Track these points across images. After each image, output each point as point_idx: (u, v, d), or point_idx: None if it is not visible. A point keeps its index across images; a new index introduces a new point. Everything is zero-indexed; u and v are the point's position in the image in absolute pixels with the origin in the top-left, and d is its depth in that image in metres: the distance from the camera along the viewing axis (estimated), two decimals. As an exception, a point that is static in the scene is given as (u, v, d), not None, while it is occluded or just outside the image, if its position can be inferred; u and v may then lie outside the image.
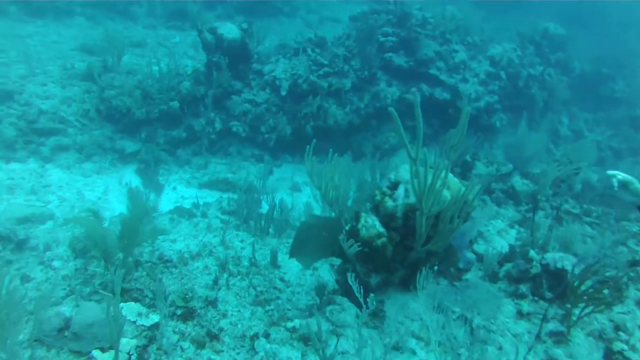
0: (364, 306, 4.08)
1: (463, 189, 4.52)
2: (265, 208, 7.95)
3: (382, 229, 4.51)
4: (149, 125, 9.57)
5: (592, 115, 14.82)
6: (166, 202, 8.65)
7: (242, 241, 6.90)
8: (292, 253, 5.82)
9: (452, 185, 4.64)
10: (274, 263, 6.33)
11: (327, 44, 10.21)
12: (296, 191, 9.49)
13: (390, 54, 10.74)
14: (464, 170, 8.66)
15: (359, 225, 4.57)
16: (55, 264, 6.27)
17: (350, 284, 4.28)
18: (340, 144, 10.35)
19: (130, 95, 9.31)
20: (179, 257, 6.16)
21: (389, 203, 4.52)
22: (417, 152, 4.09)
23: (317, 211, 8.27)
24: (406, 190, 4.54)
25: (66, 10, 14.56)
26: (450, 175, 4.54)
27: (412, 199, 4.43)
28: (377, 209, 4.65)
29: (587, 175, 9.77)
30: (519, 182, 8.37)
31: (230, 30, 9.60)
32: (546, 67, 12.81)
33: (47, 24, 13.96)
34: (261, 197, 8.39)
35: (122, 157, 9.43)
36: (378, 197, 4.66)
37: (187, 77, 10.06)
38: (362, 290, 4.33)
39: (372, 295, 3.98)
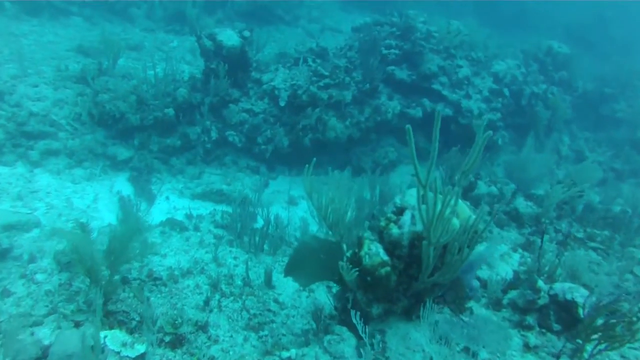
0: (366, 341, 3.80)
1: (473, 216, 4.25)
2: (260, 222, 7.67)
3: (386, 257, 4.24)
4: (142, 131, 9.28)
5: (592, 134, 14.63)
6: (158, 212, 8.36)
7: (235, 258, 6.62)
8: (288, 271, 5.53)
9: (462, 213, 4.37)
10: (269, 283, 6.05)
11: (329, 55, 9.95)
12: (292, 205, 9.21)
13: (392, 67, 10.50)
14: (465, 190, 8.40)
15: (362, 253, 4.29)
16: (39, 277, 5.98)
17: (352, 316, 4.02)
18: (339, 157, 10.12)
19: (125, 100, 9.02)
20: (169, 275, 5.87)
21: (394, 230, 4.25)
22: (428, 176, 3.80)
23: (314, 227, 8.00)
24: (413, 216, 4.27)
25: (63, 10, 14.26)
26: (460, 201, 4.27)
27: (419, 227, 4.16)
28: (381, 236, 4.37)
29: (589, 196, 9.56)
30: (522, 204, 8.12)
31: (229, 37, 9.34)
32: (549, 85, 12.60)
33: (43, 23, 13.65)
34: (256, 211, 8.10)
35: (113, 164, 9.14)
36: (382, 223, 4.39)
37: (183, 84, 9.78)
38: (362, 321, 4.07)
39: (375, 333, 3.69)
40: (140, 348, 4.31)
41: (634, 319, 4.68)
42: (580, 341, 4.82)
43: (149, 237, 7.08)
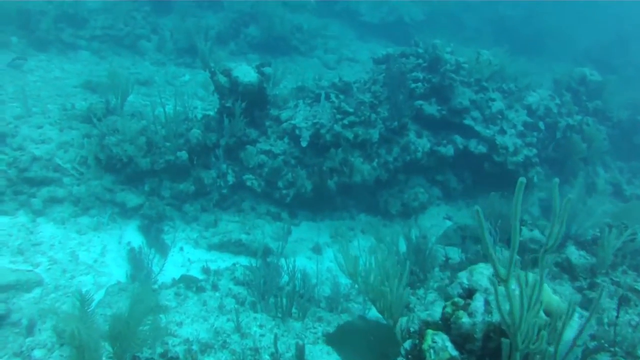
0: None
1: (562, 304, 3.46)
2: (284, 277, 6.90)
3: (455, 352, 3.45)
4: (153, 176, 8.58)
5: (626, 164, 13.80)
6: (171, 265, 7.64)
7: (260, 326, 5.85)
8: (331, 342, 4.76)
9: (548, 299, 3.58)
10: (301, 358, 5.25)
11: (353, 89, 9.24)
12: (317, 254, 8.45)
13: (420, 102, 9.77)
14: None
15: (425, 346, 3.51)
16: (36, 354, 5.25)
17: None
18: (365, 200, 9.38)
19: (133, 143, 8.32)
20: (187, 351, 5.10)
21: (465, 320, 3.46)
22: (510, 268, 3.03)
23: (342, 279, 7.19)
24: (486, 302, 3.49)
25: (71, 44, 13.74)
26: (545, 285, 3.49)
27: (496, 317, 3.38)
28: (446, 324, 3.59)
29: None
30: (574, 254, 7.29)
31: (246, 72, 8.67)
32: (584, 115, 11.83)
33: (51, 58, 13.12)
34: (279, 264, 7.33)
35: (122, 212, 8.45)
36: (449, 309, 3.61)
37: (196, 123, 9.10)
38: None
39: None
40: None
41: None
42: None
43: (162, 299, 6.35)
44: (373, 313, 6.39)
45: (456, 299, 3.64)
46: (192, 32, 14.45)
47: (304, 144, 8.60)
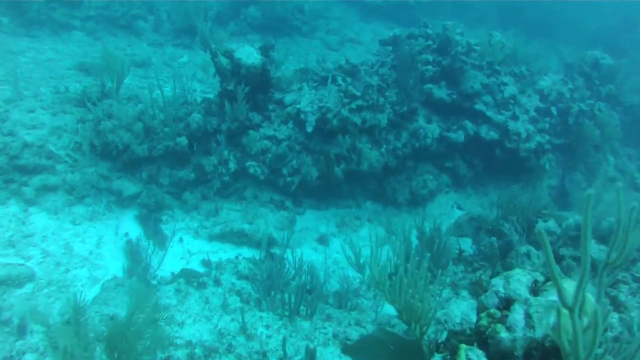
0: None
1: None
2: (290, 271, 6.53)
3: (491, 370, 3.08)
4: (151, 163, 8.17)
5: (635, 151, 13.42)
6: (170, 257, 7.25)
7: (267, 326, 5.48)
8: (348, 352, 4.40)
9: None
10: (310, 361, 4.89)
11: (360, 72, 8.80)
12: (323, 244, 8.07)
13: (430, 85, 9.34)
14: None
15: (457, 363, 3.13)
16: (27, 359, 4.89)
17: None
18: (372, 187, 9.00)
19: (129, 129, 7.90)
20: (189, 356, 4.73)
21: (503, 334, 3.07)
22: (579, 294, 2.63)
23: (350, 272, 6.83)
24: (527, 315, 3.10)
25: (65, 24, 13.24)
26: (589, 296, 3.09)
27: (539, 332, 3.00)
28: (481, 337, 3.21)
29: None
30: (594, 248, 6.92)
31: (249, 54, 8.21)
32: (596, 100, 11.42)
33: (43, 39, 12.63)
34: (284, 255, 6.97)
35: (119, 200, 8.05)
36: (484, 322, 3.22)
37: (196, 107, 8.66)
38: None
39: None
40: None
41: None
42: None
43: (161, 296, 5.98)
44: (385, 310, 6.05)
45: (492, 310, 3.25)
46: (190, 12, 13.95)
47: (309, 129, 8.19)
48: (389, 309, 6.12)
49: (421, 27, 10.31)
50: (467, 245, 8.02)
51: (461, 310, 6.03)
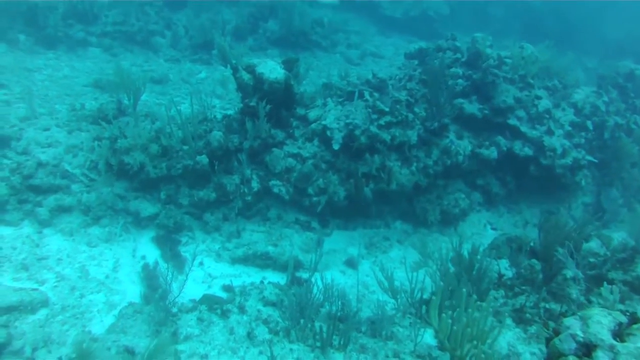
0: None
1: None
2: (318, 296, 6.09)
3: None
4: (170, 182, 7.80)
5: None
6: (191, 281, 6.86)
7: (298, 360, 5.03)
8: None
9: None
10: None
11: (388, 87, 8.40)
12: (351, 267, 7.64)
13: (461, 100, 8.92)
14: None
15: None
16: (38, 397, 4.50)
17: None
18: (401, 206, 8.57)
19: (145, 150, 7.53)
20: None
21: (592, 387, 2.62)
22: None
23: (380, 296, 6.43)
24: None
25: (81, 41, 13.06)
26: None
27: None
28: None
29: None
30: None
31: (272, 69, 7.85)
32: (632, 114, 10.92)
33: (59, 55, 12.42)
34: (311, 280, 6.54)
35: (136, 221, 7.69)
36: (565, 371, 2.78)
37: (217, 124, 8.30)
38: None
39: None
40: None
41: None
42: None
43: (182, 325, 5.58)
44: (426, 339, 5.61)
45: (570, 358, 2.80)
46: (208, 27, 13.72)
47: (336, 146, 7.78)
48: (428, 338, 5.69)
49: (449, 40, 9.92)
50: (502, 267, 7.56)
51: (507, 340, 5.57)
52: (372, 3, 19.01)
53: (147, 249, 7.40)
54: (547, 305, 6.12)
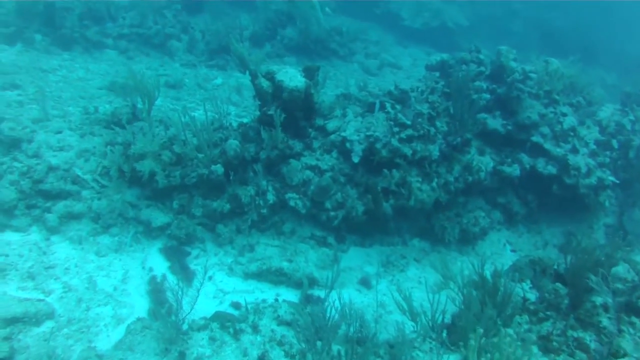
0: None
1: None
2: (334, 316, 5.83)
3: None
4: (183, 192, 7.57)
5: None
6: (202, 296, 6.58)
7: (313, 388, 4.77)
8: None
9: None
10: None
11: (411, 99, 8.14)
12: (368, 285, 7.39)
13: (484, 115, 8.66)
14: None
15: None
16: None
17: None
18: (419, 223, 8.32)
19: (157, 157, 7.31)
20: None
21: None
22: None
23: (395, 316, 6.19)
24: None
25: (97, 43, 12.92)
26: None
27: None
28: None
29: None
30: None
31: (292, 77, 7.62)
32: (656, 133, 10.62)
33: (75, 57, 12.27)
34: (327, 299, 6.30)
35: (147, 231, 7.49)
36: None
37: (233, 133, 8.08)
38: None
39: None
40: None
41: None
42: None
43: (193, 345, 5.34)
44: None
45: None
46: (225, 32, 13.52)
47: (356, 159, 7.53)
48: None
49: (472, 52, 9.66)
50: (523, 289, 7.28)
51: (534, 372, 5.30)
52: (393, 13, 18.80)
53: (155, 261, 7.17)
54: (575, 334, 5.83)
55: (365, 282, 7.35)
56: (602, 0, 21.83)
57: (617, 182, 9.50)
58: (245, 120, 8.97)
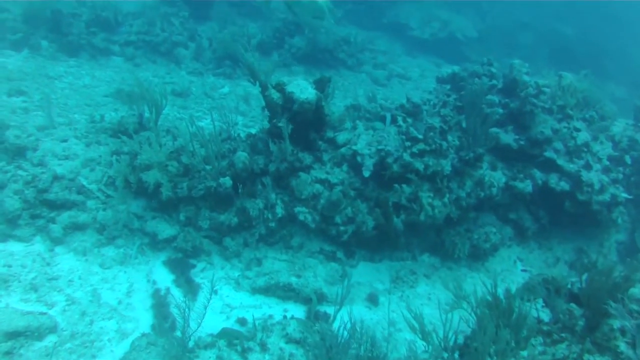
0: None
1: None
2: (343, 333, 5.68)
3: None
4: (190, 204, 7.43)
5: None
6: (208, 311, 6.40)
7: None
8: None
9: None
10: None
11: (423, 113, 8.01)
12: (377, 301, 7.23)
13: (496, 130, 8.52)
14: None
15: None
16: None
17: None
18: (429, 238, 8.17)
19: (163, 169, 7.18)
20: None
21: None
22: None
23: (406, 334, 6.05)
24: None
25: (104, 50, 12.81)
26: None
27: None
28: None
29: None
30: None
31: (303, 88, 7.48)
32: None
33: (81, 63, 12.18)
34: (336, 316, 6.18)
35: (153, 243, 7.34)
36: None
37: (241, 144, 7.94)
38: None
39: None
40: None
41: None
42: None
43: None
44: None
45: None
46: (232, 41, 13.40)
47: (366, 173, 7.39)
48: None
49: (485, 65, 9.52)
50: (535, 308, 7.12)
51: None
52: (401, 23, 18.71)
53: (159, 273, 7.02)
54: (592, 358, 5.66)
55: (374, 298, 7.19)
56: (611, 13, 21.76)
57: (630, 197, 9.35)
58: (252, 131, 8.85)
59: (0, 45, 11.77)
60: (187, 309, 5.79)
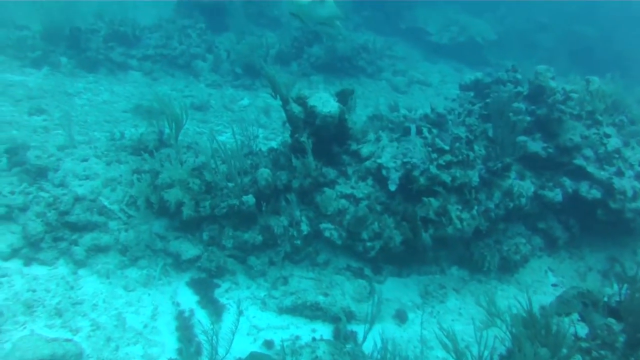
0: None
1: None
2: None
3: None
4: (213, 223, 7.29)
5: None
6: (231, 334, 6.27)
7: None
8: None
9: None
10: None
11: (448, 123, 7.82)
12: (407, 318, 7.04)
13: (524, 138, 8.30)
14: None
15: None
16: None
17: None
18: (457, 251, 7.96)
19: (184, 187, 7.05)
20: None
21: None
22: None
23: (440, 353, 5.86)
24: None
25: (122, 64, 12.80)
26: None
27: None
28: None
29: None
30: None
31: (325, 102, 7.32)
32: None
33: (99, 79, 12.17)
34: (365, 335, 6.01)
35: (176, 264, 7.21)
36: None
37: (263, 159, 7.80)
38: None
39: None
40: None
41: None
42: None
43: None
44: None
45: None
46: (251, 52, 13.31)
47: (392, 187, 7.20)
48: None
49: (509, 71, 9.30)
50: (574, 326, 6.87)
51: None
52: (419, 28, 18.53)
53: (183, 294, 6.89)
54: (636, 380, 5.43)
55: (403, 315, 7.00)
56: (632, 14, 21.38)
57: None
58: (274, 144, 8.72)
59: (20, 63, 11.81)
60: (216, 339, 5.67)
